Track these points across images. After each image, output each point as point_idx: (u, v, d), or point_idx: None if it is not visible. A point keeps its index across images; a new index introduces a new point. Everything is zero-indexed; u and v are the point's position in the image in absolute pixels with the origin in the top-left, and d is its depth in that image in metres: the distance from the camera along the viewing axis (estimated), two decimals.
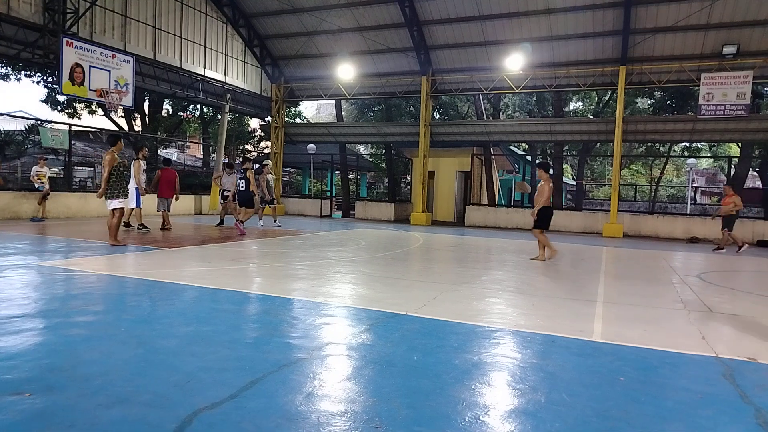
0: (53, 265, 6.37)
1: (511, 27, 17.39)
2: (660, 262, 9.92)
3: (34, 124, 21.28)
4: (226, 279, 6.04)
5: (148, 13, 16.67)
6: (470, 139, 21.56)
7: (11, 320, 3.80)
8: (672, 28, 15.85)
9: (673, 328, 4.54)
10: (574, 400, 2.74)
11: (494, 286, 6.22)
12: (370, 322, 4.20)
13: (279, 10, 19.19)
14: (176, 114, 29.29)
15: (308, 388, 2.76)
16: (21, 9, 12.99)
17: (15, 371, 2.81)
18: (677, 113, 23.98)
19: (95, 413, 2.33)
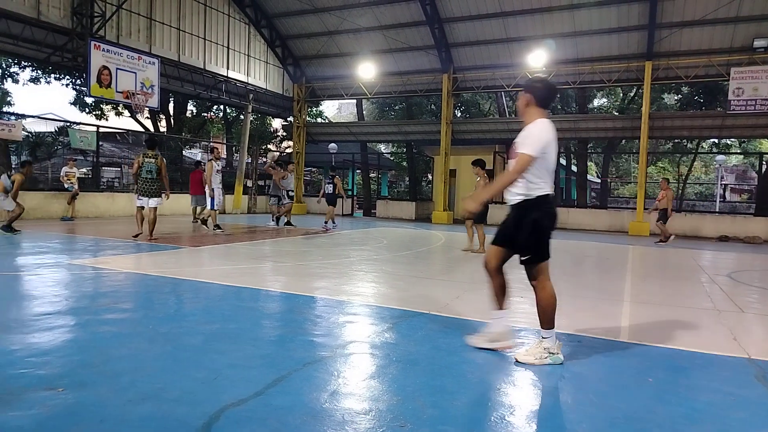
0: (82, 263, 6.52)
1: (533, 23, 17.20)
2: (688, 260, 9.71)
3: (63, 126, 21.80)
4: (250, 277, 6.10)
5: (173, 15, 16.94)
6: (492, 136, 21.39)
7: (44, 317, 3.90)
8: (700, 22, 15.48)
9: (702, 328, 4.44)
10: (601, 401, 2.70)
11: (518, 285, 6.14)
12: (393, 321, 4.20)
13: (300, 10, 19.31)
14: (200, 115, 29.73)
15: (333, 386, 2.77)
16: (50, 14, 13.32)
17: (48, 367, 2.88)
18: (705, 109, 23.43)
19: (125, 409, 2.38)
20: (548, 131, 3.25)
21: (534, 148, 3.16)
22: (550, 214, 3.31)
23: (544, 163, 3.23)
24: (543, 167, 3.24)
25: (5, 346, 3.20)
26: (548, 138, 3.23)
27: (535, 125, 3.27)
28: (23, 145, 23.37)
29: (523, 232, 3.27)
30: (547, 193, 3.27)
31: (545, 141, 3.20)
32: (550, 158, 3.27)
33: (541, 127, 3.24)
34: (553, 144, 3.29)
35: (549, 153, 3.25)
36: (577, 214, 18.94)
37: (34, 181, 23.50)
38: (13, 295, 4.75)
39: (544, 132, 3.23)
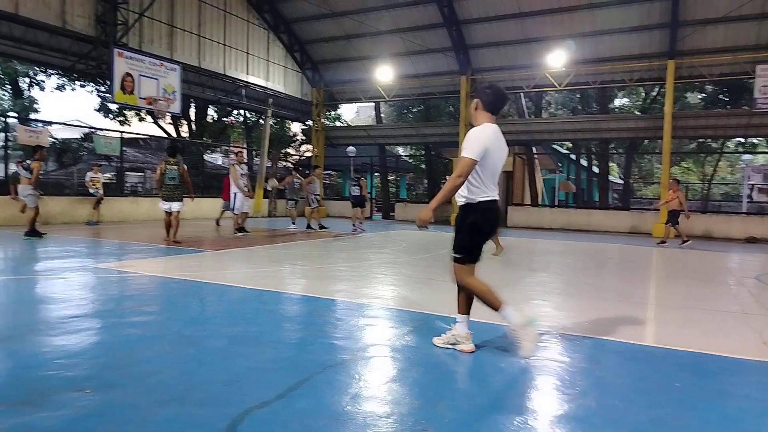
0: (108, 267, 6.64)
1: (552, 23, 17.05)
2: (715, 263, 9.51)
3: (88, 132, 22.30)
4: (271, 280, 6.15)
5: (193, 22, 17.20)
6: (511, 138, 21.16)
7: (71, 320, 3.98)
8: (724, 19, 15.19)
9: (730, 332, 4.34)
10: (627, 406, 2.65)
11: (539, 288, 6.11)
12: (413, 324, 4.20)
13: (318, 14, 19.44)
14: (221, 120, 30.08)
15: (354, 389, 2.77)
16: (76, 23, 13.64)
17: (76, 368, 2.94)
18: (730, 107, 22.95)
19: (151, 410, 2.41)
20: (490, 135, 3.31)
21: (474, 151, 3.21)
22: (490, 219, 3.40)
23: (487, 167, 3.31)
24: (486, 171, 3.31)
25: (34, 349, 3.27)
26: (489, 142, 3.28)
27: (477, 129, 3.34)
28: (50, 152, 23.93)
29: (460, 233, 3.42)
30: (489, 198, 3.35)
31: (485, 145, 3.25)
32: (493, 162, 3.34)
33: (484, 131, 3.31)
34: (497, 148, 3.35)
35: (491, 157, 3.31)
36: (599, 216, 18.69)
37: (60, 186, 24.06)
38: (41, 298, 4.86)
39: (484, 136, 3.28)
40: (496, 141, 3.34)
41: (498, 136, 3.38)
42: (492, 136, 3.32)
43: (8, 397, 2.51)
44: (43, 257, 7.42)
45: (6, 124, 15.17)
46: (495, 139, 3.34)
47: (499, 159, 3.40)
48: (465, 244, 3.44)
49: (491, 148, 3.29)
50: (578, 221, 18.56)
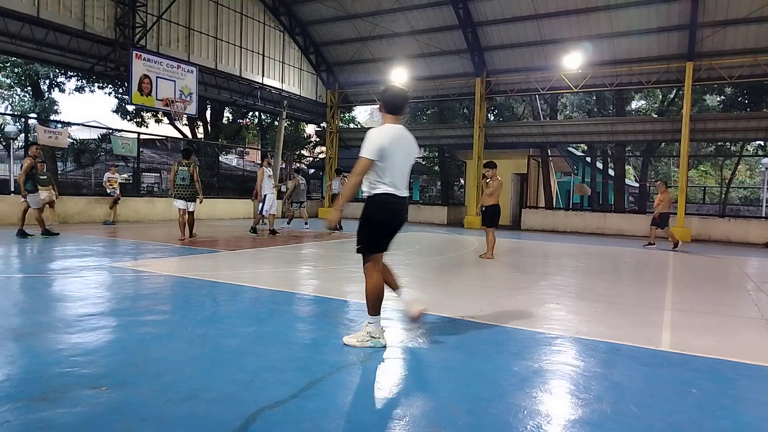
0: (123, 266, 6.73)
1: (569, 25, 16.92)
2: (732, 267, 9.36)
3: (106, 133, 22.61)
4: (285, 281, 6.18)
5: (210, 24, 17.36)
6: (526, 140, 21.12)
7: (88, 318, 4.04)
8: (744, 20, 14.95)
9: (749, 338, 4.27)
10: (643, 412, 2.62)
11: (553, 292, 6.05)
12: (426, 326, 4.18)
13: (334, 17, 19.52)
14: (236, 121, 30.33)
15: (366, 390, 2.77)
16: (95, 25, 13.85)
17: (92, 366, 2.98)
18: (750, 110, 22.58)
19: (165, 408, 2.44)
20: (387, 135, 3.47)
21: (369, 151, 3.41)
22: (385, 211, 3.56)
23: (386, 165, 3.47)
24: (385, 168, 3.47)
25: (52, 346, 3.32)
26: (385, 141, 3.44)
27: (374, 130, 3.52)
28: (68, 152, 24.33)
29: (359, 225, 3.60)
30: (385, 191, 3.51)
31: (381, 144, 3.42)
32: (392, 160, 3.48)
33: (380, 132, 3.48)
34: (396, 147, 3.50)
35: (390, 155, 3.46)
36: (615, 219, 18.49)
37: (77, 186, 24.44)
38: (59, 296, 4.93)
39: (380, 136, 3.45)
40: (394, 140, 3.50)
41: (399, 135, 3.55)
42: (389, 136, 3.48)
43: (26, 393, 2.55)
44: (60, 256, 7.54)
45: (26, 125, 15.44)
46: (393, 139, 3.49)
47: (401, 157, 3.56)
48: (360, 236, 3.61)
49: (388, 148, 3.45)
50: (593, 224, 18.38)
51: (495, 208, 9.06)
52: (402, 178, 3.60)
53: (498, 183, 8.94)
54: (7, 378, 2.77)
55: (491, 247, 9.09)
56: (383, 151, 3.44)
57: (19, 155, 20.89)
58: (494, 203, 9.01)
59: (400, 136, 3.58)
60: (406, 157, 3.62)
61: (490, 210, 9.05)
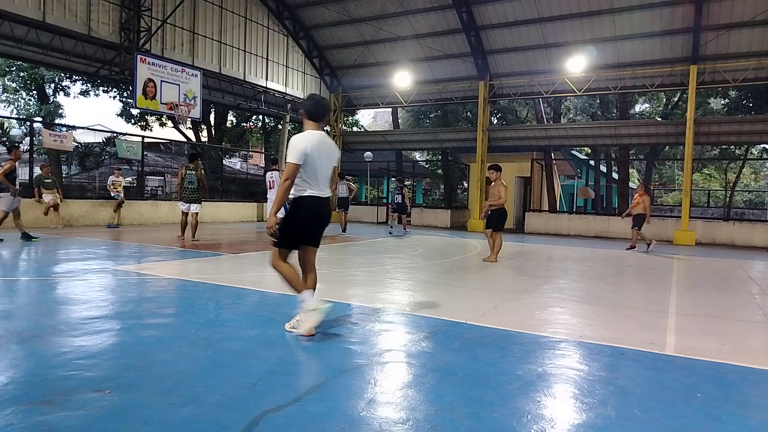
0: (127, 269, 6.74)
1: (572, 28, 16.93)
2: (737, 271, 9.31)
3: (110, 137, 22.71)
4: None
5: (215, 29, 17.44)
6: (530, 143, 21.11)
7: (92, 321, 4.05)
8: (748, 23, 14.93)
9: (754, 342, 4.25)
10: (647, 416, 2.61)
11: (557, 296, 6.04)
12: (429, 330, 4.18)
13: (337, 21, 19.58)
14: (240, 125, 30.42)
15: (369, 394, 2.77)
16: (100, 29, 13.93)
17: (96, 369, 2.99)
18: (755, 113, 22.51)
19: (168, 411, 2.44)
20: (309, 141, 3.75)
21: (294, 156, 3.69)
22: (309, 212, 3.85)
23: (309, 168, 3.76)
24: (308, 172, 3.77)
25: (55, 349, 3.33)
26: (308, 147, 3.72)
27: (297, 136, 3.80)
28: (73, 155, 24.44)
29: (282, 222, 3.87)
30: (308, 194, 3.82)
31: (303, 149, 3.70)
32: (314, 164, 3.78)
33: (303, 138, 3.77)
34: (318, 152, 3.79)
35: (312, 159, 3.75)
36: (619, 223, 18.39)
37: (82, 189, 24.53)
38: (63, 299, 4.94)
39: (303, 142, 3.73)
40: (316, 145, 3.78)
41: (320, 141, 3.84)
42: (311, 141, 3.77)
43: (30, 396, 2.56)
44: (64, 259, 7.56)
45: (31, 129, 15.51)
46: (315, 144, 3.78)
47: (323, 160, 3.85)
48: (281, 232, 3.87)
49: (311, 152, 3.74)
50: (597, 228, 18.33)
51: (499, 212, 9.01)
52: (324, 180, 3.90)
53: (499, 188, 8.84)
54: (11, 381, 2.77)
55: (496, 251, 9.04)
56: (306, 156, 3.72)
57: (25, 158, 20.99)
58: (499, 207, 8.96)
59: (321, 141, 3.85)
60: (327, 161, 3.90)
61: (495, 213, 9.00)
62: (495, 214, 8.99)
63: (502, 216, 9.04)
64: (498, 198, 8.85)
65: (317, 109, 3.97)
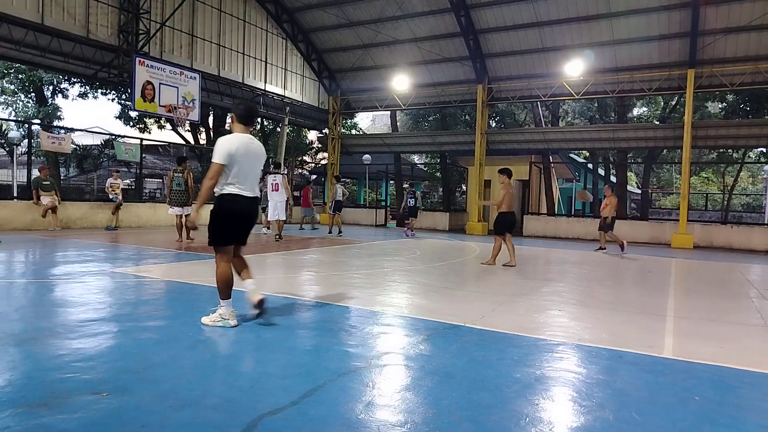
0: (125, 271, 6.73)
1: (570, 32, 16.98)
2: (735, 274, 9.33)
3: (109, 139, 22.67)
4: (285, 286, 6.17)
5: (213, 31, 17.46)
6: (528, 147, 21.14)
7: (89, 323, 4.04)
8: (745, 28, 14.99)
9: (752, 345, 4.25)
10: (645, 419, 2.61)
11: (555, 299, 6.04)
12: (427, 333, 4.17)
13: (336, 24, 19.62)
14: None
15: (368, 397, 2.77)
16: (99, 32, 13.94)
17: (93, 372, 2.98)
18: (752, 117, 22.58)
19: (166, 415, 2.43)
20: (234, 143, 4.01)
21: (219, 157, 3.95)
22: (231, 209, 4.07)
23: (233, 168, 4.01)
24: (233, 171, 4.01)
25: (53, 351, 3.32)
26: (232, 148, 3.98)
27: (223, 138, 4.05)
28: (71, 158, 24.41)
29: (209, 220, 4.11)
30: (231, 192, 4.04)
31: (228, 150, 3.95)
32: (240, 164, 4.03)
33: (228, 140, 4.02)
34: (244, 153, 4.04)
35: (237, 160, 4.00)
36: (617, 226, 18.42)
37: (80, 191, 24.50)
38: (60, 301, 4.93)
39: (228, 143, 3.98)
40: (242, 147, 4.03)
41: (246, 142, 4.09)
42: (237, 143, 4.02)
43: (26, 399, 2.55)
44: (62, 261, 7.55)
45: (30, 131, 15.51)
46: (240, 146, 4.03)
47: (249, 161, 4.10)
48: (210, 230, 4.12)
49: (236, 154, 3.99)
50: (595, 231, 18.29)
51: (505, 216, 8.90)
52: (249, 181, 4.13)
53: (504, 192, 8.75)
54: (8, 383, 2.76)
55: (494, 255, 8.97)
56: (231, 157, 3.97)
57: (23, 160, 20.97)
58: (506, 210, 8.86)
59: (247, 144, 4.11)
60: (252, 163, 4.15)
61: (500, 217, 8.92)
62: (499, 217, 8.93)
63: (506, 220, 8.93)
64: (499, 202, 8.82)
65: (248, 113, 4.26)
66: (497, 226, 8.99)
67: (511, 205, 8.93)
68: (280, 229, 12.34)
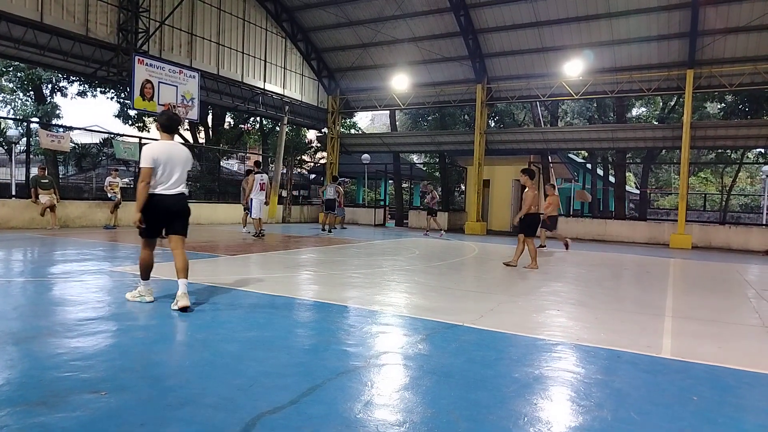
0: (123, 270, 6.73)
1: (569, 32, 16.99)
2: (733, 275, 9.35)
3: (107, 138, 22.64)
4: (285, 286, 6.17)
5: (213, 30, 17.44)
6: (527, 147, 21.14)
7: (88, 322, 4.03)
8: (744, 29, 15.01)
9: (750, 345, 4.26)
10: (644, 419, 2.61)
11: (554, 298, 6.05)
12: (426, 332, 4.18)
13: (336, 23, 19.61)
14: (237, 126, 30.39)
15: (366, 396, 2.77)
16: (98, 30, 13.92)
17: (91, 370, 2.98)
18: (751, 117, 22.62)
19: (165, 413, 2.43)
20: (157, 149, 4.60)
21: (143, 162, 4.53)
22: (157, 206, 4.62)
23: (160, 171, 4.57)
24: (160, 174, 4.57)
25: (51, 350, 3.32)
26: (155, 153, 4.55)
27: (147, 145, 4.75)
28: (70, 156, 24.37)
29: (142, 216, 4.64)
30: (157, 192, 4.59)
31: (152, 156, 4.52)
32: (163, 167, 4.58)
33: (152, 147, 4.64)
34: (167, 157, 4.59)
35: (161, 164, 4.56)
36: (615, 226, 18.51)
37: (79, 190, 24.47)
38: (59, 300, 4.93)
39: (151, 150, 4.58)
40: (164, 152, 4.59)
41: (168, 148, 4.66)
42: (159, 149, 4.60)
43: (26, 398, 2.55)
44: (60, 260, 7.54)
45: (28, 129, 15.48)
46: (163, 151, 4.59)
47: (174, 164, 4.63)
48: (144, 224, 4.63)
49: (158, 158, 4.54)
50: (594, 231, 18.39)
51: (530, 218, 8.76)
52: (174, 181, 4.66)
53: (526, 194, 8.65)
54: (7, 382, 2.76)
55: (517, 256, 8.87)
56: (155, 161, 4.52)
57: (21, 159, 20.95)
58: (533, 212, 8.74)
59: (170, 149, 4.68)
60: (178, 165, 4.68)
61: (526, 219, 8.75)
62: (526, 219, 8.78)
63: (533, 221, 8.85)
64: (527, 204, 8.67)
65: (169, 122, 4.85)
66: (523, 227, 8.81)
67: (538, 205, 8.85)
68: (257, 226, 12.66)
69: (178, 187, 4.71)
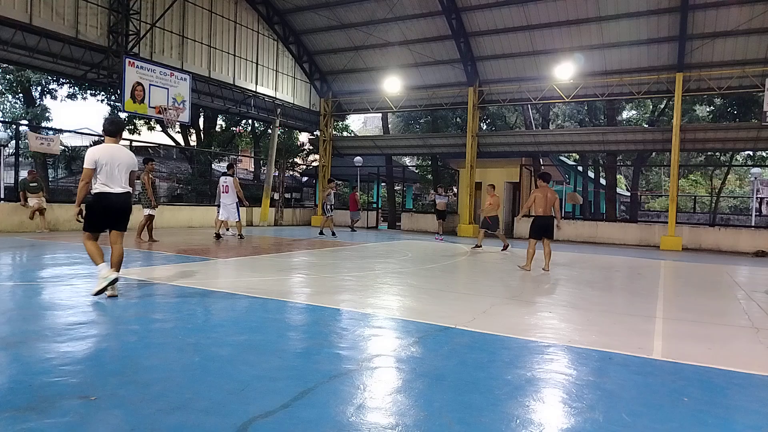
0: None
1: (560, 36, 17.09)
2: (723, 276, 9.43)
3: (98, 140, 22.48)
4: (277, 289, 6.15)
5: (204, 33, 17.39)
6: (519, 149, 21.22)
7: (78, 326, 4.00)
8: (733, 33, 15.17)
9: (740, 346, 4.29)
10: (635, 420, 2.63)
11: (546, 300, 6.07)
12: (418, 335, 4.18)
13: (327, 26, 19.61)
14: (229, 129, 30.27)
15: (359, 399, 2.76)
16: (88, 33, 13.83)
17: (81, 375, 2.95)
18: (739, 121, 22.86)
19: (155, 418, 2.41)
20: (99, 151, 5.05)
21: (87, 163, 4.98)
22: (99, 204, 5.09)
23: (102, 171, 5.03)
24: (101, 174, 5.03)
25: (40, 355, 3.28)
26: (97, 155, 5.00)
27: (92, 147, 5.11)
28: (60, 159, 24.17)
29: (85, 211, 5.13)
30: (99, 190, 5.06)
31: (93, 157, 4.98)
32: (106, 168, 5.03)
33: (95, 149, 5.07)
34: (109, 158, 5.04)
35: (103, 164, 5.01)
36: (606, 228, 18.61)
37: (68, 193, 24.26)
38: (48, 304, 4.88)
39: (93, 152, 5.02)
40: (106, 154, 5.05)
41: (110, 150, 5.11)
42: (102, 151, 5.05)
43: (14, 403, 2.52)
44: (50, 264, 7.47)
45: (17, 132, 15.33)
46: (106, 153, 5.05)
47: (115, 165, 5.08)
48: (85, 218, 5.12)
49: (101, 159, 5.00)
50: (585, 233, 18.48)
51: (537, 219, 8.85)
52: (116, 181, 5.09)
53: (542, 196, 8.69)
54: None
55: (530, 259, 8.87)
56: (96, 162, 4.97)
57: (10, 162, 20.75)
58: (540, 214, 8.78)
59: (113, 151, 5.12)
60: (120, 166, 5.12)
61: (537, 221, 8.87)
62: (535, 221, 8.88)
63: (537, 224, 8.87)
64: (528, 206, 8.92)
65: (112, 126, 5.27)
66: (533, 230, 8.88)
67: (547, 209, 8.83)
68: (239, 228, 12.85)
69: (121, 186, 5.14)
